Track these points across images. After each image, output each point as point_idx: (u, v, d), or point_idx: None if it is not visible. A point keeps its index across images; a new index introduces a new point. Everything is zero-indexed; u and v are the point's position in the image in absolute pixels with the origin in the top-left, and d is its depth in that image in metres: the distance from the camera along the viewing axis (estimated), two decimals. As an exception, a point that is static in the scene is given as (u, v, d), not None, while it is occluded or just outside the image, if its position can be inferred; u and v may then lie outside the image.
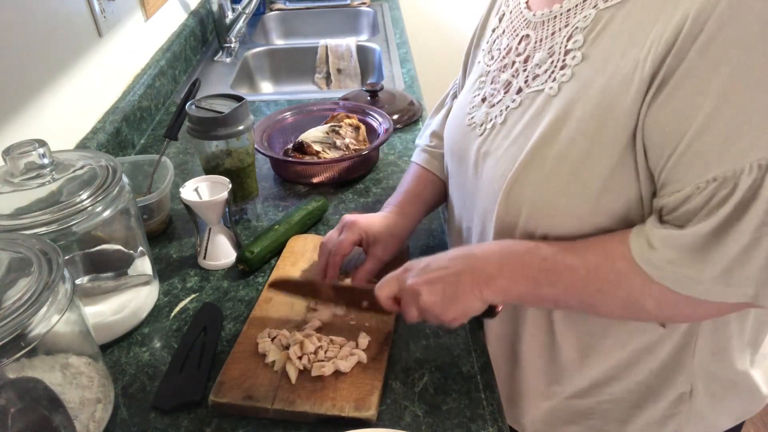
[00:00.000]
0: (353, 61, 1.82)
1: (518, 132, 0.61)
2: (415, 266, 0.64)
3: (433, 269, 0.62)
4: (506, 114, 0.64)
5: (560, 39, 0.59)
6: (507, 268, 0.60)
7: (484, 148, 0.66)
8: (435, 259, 0.63)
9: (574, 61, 0.57)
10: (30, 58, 0.92)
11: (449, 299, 0.60)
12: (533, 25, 0.63)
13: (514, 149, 0.61)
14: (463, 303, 0.60)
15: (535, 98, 0.61)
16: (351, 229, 0.75)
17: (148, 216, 0.91)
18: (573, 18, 0.58)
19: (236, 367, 0.67)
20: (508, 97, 0.64)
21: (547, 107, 0.59)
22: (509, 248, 0.61)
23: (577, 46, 0.57)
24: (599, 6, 0.56)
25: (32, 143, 0.64)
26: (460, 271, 0.60)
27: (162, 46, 1.47)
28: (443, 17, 2.56)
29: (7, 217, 0.62)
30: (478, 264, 0.60)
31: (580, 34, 0.57)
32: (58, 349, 0.59)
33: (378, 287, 0.65)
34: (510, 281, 0.59)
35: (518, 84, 0.63)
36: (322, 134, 1.08)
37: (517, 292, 0.60)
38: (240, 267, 0.85)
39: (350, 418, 0.61)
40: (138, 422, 0.64)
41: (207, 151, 0.92)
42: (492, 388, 0.67)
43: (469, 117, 0.70)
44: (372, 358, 0.68)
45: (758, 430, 1.74)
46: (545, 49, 0.61)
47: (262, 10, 2.06)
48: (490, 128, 0.66)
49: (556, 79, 0.58)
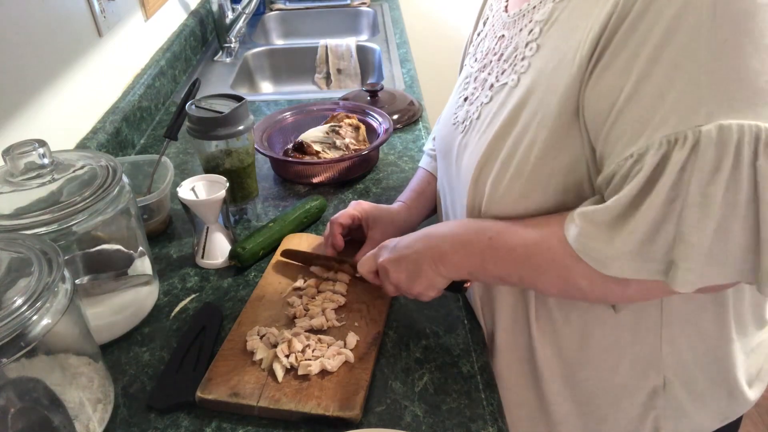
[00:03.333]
0: (353, 61, 1.82)
1: (486, 124, 0.65)
2: (387, 245, 0.71)
3: (399, 248, 0.68)
4: (480, 109, 0.67)
5: (524, 34, 0.62)
6: (458, 246, 0.64)
7: (463, 143, 0.70)
8: (402, 239, 0.70)
9: (530, 52, 0.60)
10: (30, 58, 0.92)
11: (412, 275, 0.66)
12: (507, 25, 0.67)
13: (482, 141, 0.65)
14: (425, 278, 0.66)
15: (500, 91, 0.64)
16: (355, 206, 0.85)
17: (148, 216, 0.91)
18: (536, 14, 0.61)
19: (224, 364, 0.68)
20: (483, 94, 0.68)
21: (509, 98, 0.62)
22: (463, 226, 0.65)
23: (534, 38, 0.60)
24: (556, 0, 0.59)
25: (32, 143, 0.64)
26: (419, 249, 0.66)
27: (162, 46, 1.47)
28: (443, 17, 2.56)
29: (7, 217, 0.62)
30: (433, 242, 0.66)
31: (538, 26, 0.60)
32: (58, 349, 0.59)
33: (359, 264, 0.74)
34: (461, 257, 0.64)
35: (491, 81, 0.67)
36: (322, 134, 1.08)
37: (468, 268, 0.64)
38: (232, 263, 0.85)
39: (334, 417, 0.62)
40: (138, 422, 0.64)
41: (207, 151, 0.92)
42: (492, 388, 0.67)
43: (454, 116, 0.74)
44: (359, 357, 0.68)
45: (759, 429, 1.74)
46: (512, 45, 0.64)
47: (262, 10, 2.06)
48: (468, 124, 0.69)
49: (516, 71, 0.62)
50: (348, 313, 0.75)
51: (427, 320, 0.76)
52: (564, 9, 0.57)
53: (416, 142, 1.18)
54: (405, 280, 0.67)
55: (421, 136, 1.20)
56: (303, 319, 0.74)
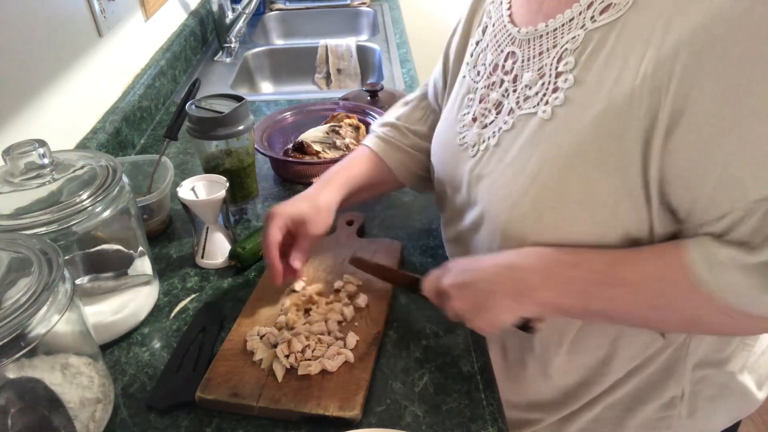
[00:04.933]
0: (353, 61, 1.82)
1: (514, 155, 0.60)
2: (455, 266, 0.63)
3: (469, 273, 0.61)
4: (499, 136, 0.62)
5: (549, 60, 0.57)
6: (553, 280, 0.57)
7: (477, 170, 0.65)
8: (475, 261, 0.62)
9: (566, 84, 0.55)
10: (30, 58, 0.92)
11: (480, 307, 0.59)
12: (518, 42, 0.62)
13: (510, 174, 0.60)
14: (495, 313, 0.58)
15: (527, 121, 0.59)
16: (272, 219, 0.72)
17: (148, 216, 0.91)
18: (561, 38, 0.56)
19: (224, 364, 0.68)
20: (500, 119, 0.63)
21: (542, 131, 0.57)
22: (556, 258, 0.57)
23: (569, 68, 0.55)
24: (587, 27, 0.54)
25: (32, 143, 0.64)
26: (496, 281, 0.58)
27: (162, 46, 1.47)
28: (443, 17, 2.56)
29: (7, 217, 0.62)
30: (519, 275, 0.58)
31: (571, 56, 0.55)
32: (58, 349, 0.59)
33: (425, 281, 0.68)
34: (556, 294, 0.57)
35: (510, 105, 0.62)
36: (322, 134, 1.08)
37: (563, 306, 0.57)
38: (232, 263, 0.85)
39: (334, 417, 0.62)
40: (138, 422, 0.64)
41: (207, 151, 0.92)
42: (492, 388, 0.67)
43: (460, 137, 0.69)
44: (359, 358, 0.68)
45: (759, 429, 1.74)
46: (534, 70, 0.59)
47: (262, 10, 2.06)
48: (483, 149, 0.64)
49: (549, 102, 0.57)
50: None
51: (427, 320, 0.76)
52: (604, 40, 0.53)
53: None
54: (469, 310, 0.60)
55: (421, 136, 1.20)
56: (302, 326, 0.73)
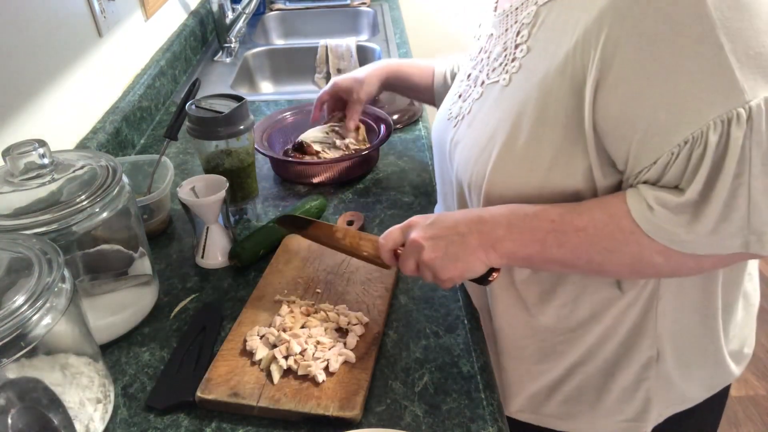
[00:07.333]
0: (353, 61, 1.82)
1: (479, 120, 0.67)
2: (420, 221, 0.65)
3: (439, 226, 0.63)
4: (471, 105, 0.69)
5: (511, 35, 0.65)
6: (516, 230, 0.61)
7: (456, 138, 0.72)
8: (442, 216, 0.65)
9: (521, 53, 0.63)
10: (30, 58, 0.92)
11: (451, 258, 0.62)
12: (495, 23, 0.69)
13: (474, 135, 0.67)
14: (464, 263, 0.62)
15: (492, 88, 0.66)
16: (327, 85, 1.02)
17: (148, 216, 0.91)
18: (520, 15, 0.64)
19: (224, 365, 0.68)
20: (475, 90, 0.70)
21: (501, 96, 0.64)
22: (518, 210, 0.62)
23: (524, 40, 0.63)
24: (539, 2, 0.61)
25: (32, 143, 0.64)
26: (465, 232, 0.62)
27: (162, 46, 1.47)
28: (443, 17, 2.56)
29: (7, 217, 0.62)
30: (486, 227, 0.62)
31: (526, 29, 0.62)
32: (58, 349, 0.59)
33: (382, 237, 0.68)
34: (518, 244, 0.61)
35: (482, 78, 0.69)
36: (322, 134, 1.08)
37: (524, 255, 0.62)
38: (232, 263, 0.85)
39: (334, 417, 0.62)
40: (138, 422, 0.64)
41: (207, 151, 0.92)
42: (492, 388, 0.67)
43: (449, 112, 0.76)
44: (359, 358, 0.68)
45: (759, 429, 1.74)
46: (501, 44, 0.67)
47: (262, 10, 2.06)
48: (460, 119, 0.71)
49: (508, 71, 0.64)
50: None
51: (427, 320, 0.76)
52: (549, 12, 0.60)
53: (416, 142, 1.18)
54: (439, 261, 0.62)
55: (421, 136, 1.20)
56: (301, 330, 0.72)
